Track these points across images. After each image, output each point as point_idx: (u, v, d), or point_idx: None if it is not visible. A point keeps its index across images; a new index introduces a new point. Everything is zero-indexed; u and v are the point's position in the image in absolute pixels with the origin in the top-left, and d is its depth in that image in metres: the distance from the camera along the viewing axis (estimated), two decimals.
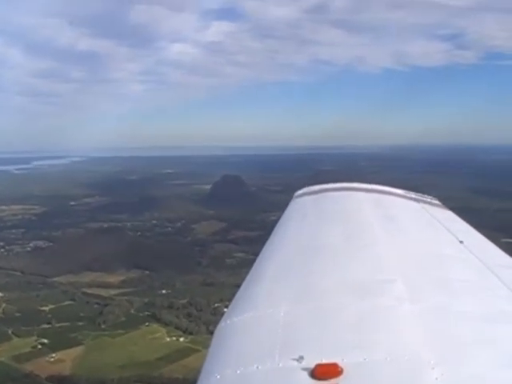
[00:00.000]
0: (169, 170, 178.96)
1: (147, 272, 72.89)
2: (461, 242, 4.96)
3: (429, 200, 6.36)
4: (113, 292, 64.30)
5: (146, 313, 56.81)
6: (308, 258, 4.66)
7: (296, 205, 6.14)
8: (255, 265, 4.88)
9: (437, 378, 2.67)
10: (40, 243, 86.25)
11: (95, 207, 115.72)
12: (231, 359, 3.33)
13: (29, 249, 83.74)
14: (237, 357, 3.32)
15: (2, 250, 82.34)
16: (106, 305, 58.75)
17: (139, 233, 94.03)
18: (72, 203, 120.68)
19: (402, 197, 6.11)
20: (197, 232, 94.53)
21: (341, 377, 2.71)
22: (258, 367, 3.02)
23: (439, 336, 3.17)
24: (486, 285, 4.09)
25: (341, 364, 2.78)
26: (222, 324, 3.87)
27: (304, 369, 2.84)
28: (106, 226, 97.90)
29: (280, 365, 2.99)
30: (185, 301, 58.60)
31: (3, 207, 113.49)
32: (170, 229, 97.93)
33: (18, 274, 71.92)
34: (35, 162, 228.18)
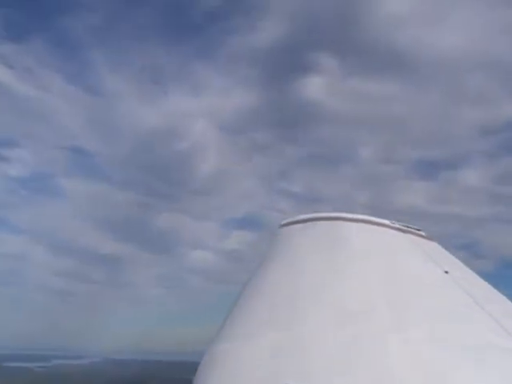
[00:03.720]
0: (191, 376, 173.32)
1: None
2: (446, 272, 4.88)
3: (415, 231, 6.19)
4: None
5: None
6: (293, 287, 4.54)
7: (282, 234, 5.93)
8: (240, 294, 4.80)
9: None
10: None
11: None
12: None
13: None
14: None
15: None
16: None
17: None
18: None
19: (388, 227, 5.96)
20: None
21: None
22: None
23: (424, 365, 3.16)
24: (472, 316, 4.03)
25: None
26: (207, 353, 3.90)
27: None
28: None
29: None
30: None
31: None
32: None
33: None
34: (55, 361, 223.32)
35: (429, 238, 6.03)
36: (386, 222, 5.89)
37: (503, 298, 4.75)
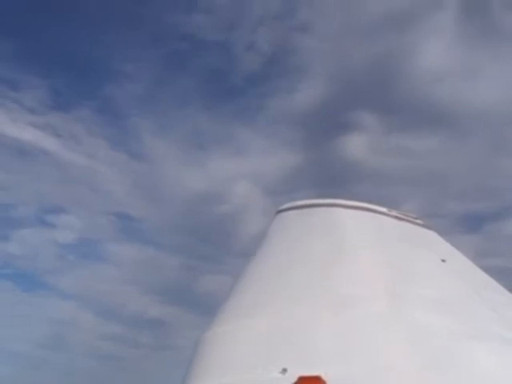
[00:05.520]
0: None
1: None
2: (443, 260, 4.86)
3: (412, 219, 6.20)
4: None
5: None
6: (291, 271, 4.50)
7: (280, 220, 5.89)
8: (239, 277, 4.75)
9: None
10: None
11: None
12: (214, 369, 3.31)
13: None
14: (220, 367, 3.30)
15: None
16: None
17: None
18: None
19: (385, 214, 5.96)
20: None
21: None
22: (241, 378, 3.00)
23: (420, 349, 3.18)
24: (467, 303, 4.07)
25: (324, 376, 2.77)
26: (205, 334, 3.81)
27: (287, 381, 2.82)
28: None
29: (263, 376, 2.95)
30: None
31: None
32: None
33: None
34: None
35: (426, 226, 6.08)
36: (383, 209, 5.93)
37: (500, 288, 4.74)
